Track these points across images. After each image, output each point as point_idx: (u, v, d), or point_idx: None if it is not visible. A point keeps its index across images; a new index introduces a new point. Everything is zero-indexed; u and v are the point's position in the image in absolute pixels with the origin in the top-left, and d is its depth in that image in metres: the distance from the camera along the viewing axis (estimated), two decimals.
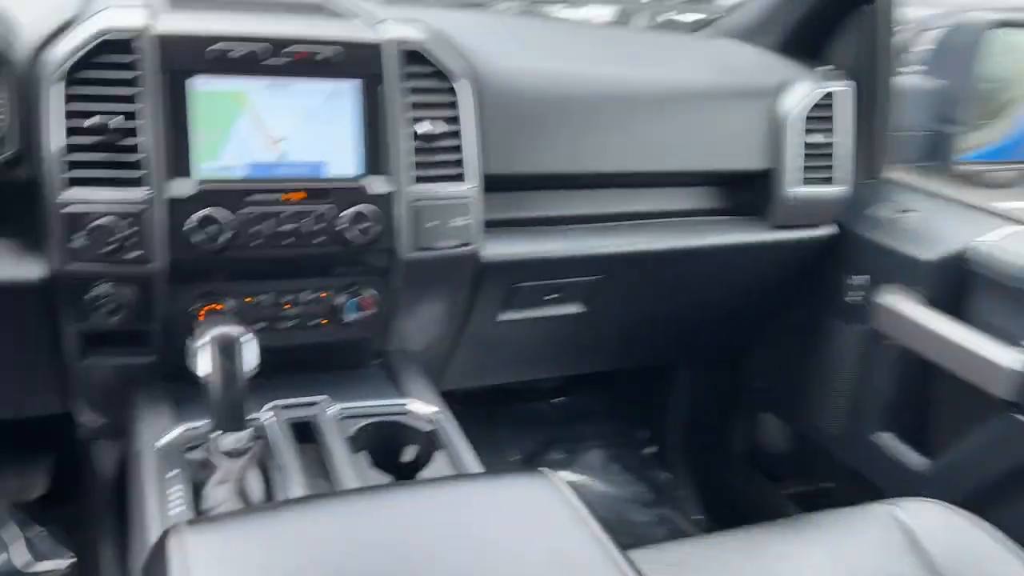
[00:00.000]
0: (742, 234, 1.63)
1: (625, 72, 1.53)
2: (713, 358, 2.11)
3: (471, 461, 1.14)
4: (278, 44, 1.18)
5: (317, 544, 0.74)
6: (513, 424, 2.31)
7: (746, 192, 1.64)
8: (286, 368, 1.32)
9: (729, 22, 1.88)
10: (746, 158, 1.59)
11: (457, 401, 2.22)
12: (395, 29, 1.26)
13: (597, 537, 0.78)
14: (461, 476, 1.06)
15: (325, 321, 1.30)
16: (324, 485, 1.08)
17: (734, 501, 2.08)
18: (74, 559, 1.70)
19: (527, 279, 1.47)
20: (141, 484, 1.05)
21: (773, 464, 2.01)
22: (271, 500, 1.04)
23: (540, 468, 0.89)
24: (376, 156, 1.24)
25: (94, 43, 1.11)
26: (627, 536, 2.04)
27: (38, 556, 1.72)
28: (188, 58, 1.14)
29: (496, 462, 2.21)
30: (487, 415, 2.28)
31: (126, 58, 1.12)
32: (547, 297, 1.54)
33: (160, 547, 0.72)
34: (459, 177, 1.29)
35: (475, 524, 0.79)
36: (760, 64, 1.70)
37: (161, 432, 1.15)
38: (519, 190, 1.44)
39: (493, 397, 2.27)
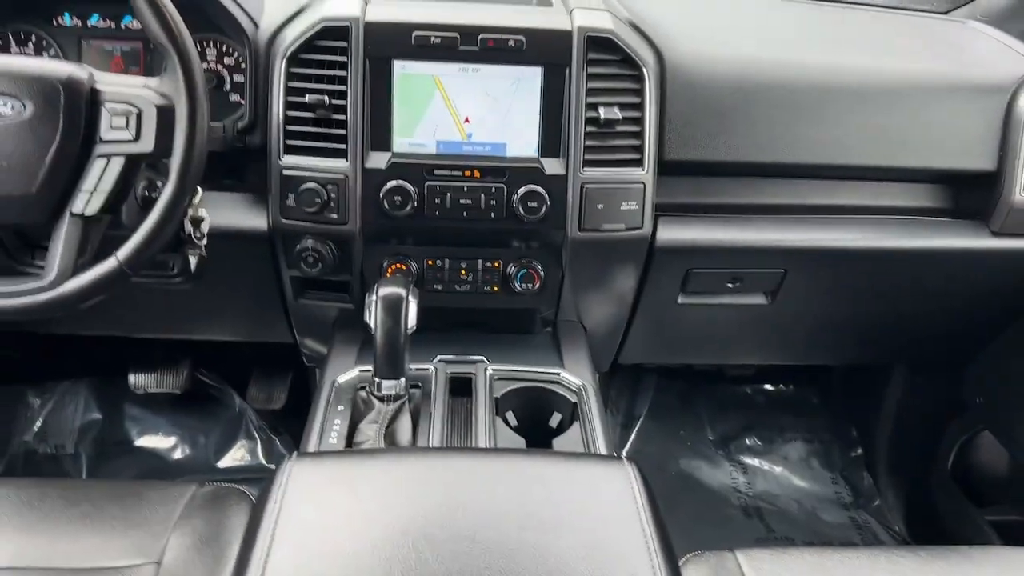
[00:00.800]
0: (956, 239, 1.50)
1: (839, 60, 1.46)
2: (928, 364, 1.97)
3: (599, 435, 1.20)
4: (472, 32, 1.28)
5: (391, 489, 0.86)
6: (715, 403, 2.30)
7: (964, 193, 1.51)
8: (461, 327, 1.45)
9: (986, 3, 1.71)
10: (969, 157, 1.47)
11: (656, 374, 2.28)
12: (586, 17, 1.32)
13: (644, 534, 0.82)
14: (545, 452, 1.12)
15: (496, 288, 1.41)
16: (460, 438, 1.20)
17: (934, 518, 1.95)
18: None
19: (702, 266, 1.48)
20: (314, 412, 1.23)
21: (982, 486, 1.86)
22: (414, 444, 1.18)
23: (623, 456, 0.94)
24: (552, 139, 1.31)
25: (316, 29, 1.28)
26: (810, 534, 2.00)
27: (272, 458, 2.04)
28: (393, 44, 1.28)
29: (692, 438, 2.24)
30: (688, 390, 2.29)
31: (341, 43, 1.28)
32: (729, 285, 1.54)
33: (275, 472, 0.88)
34: (633, 163, 1.33)
35: (533, 499, 0.86)
36: (1006, 54, 1.55)
37: (343, 369, 1.33)
38: (698, 175, 1.45)
39: (694, 373, 2.28)
